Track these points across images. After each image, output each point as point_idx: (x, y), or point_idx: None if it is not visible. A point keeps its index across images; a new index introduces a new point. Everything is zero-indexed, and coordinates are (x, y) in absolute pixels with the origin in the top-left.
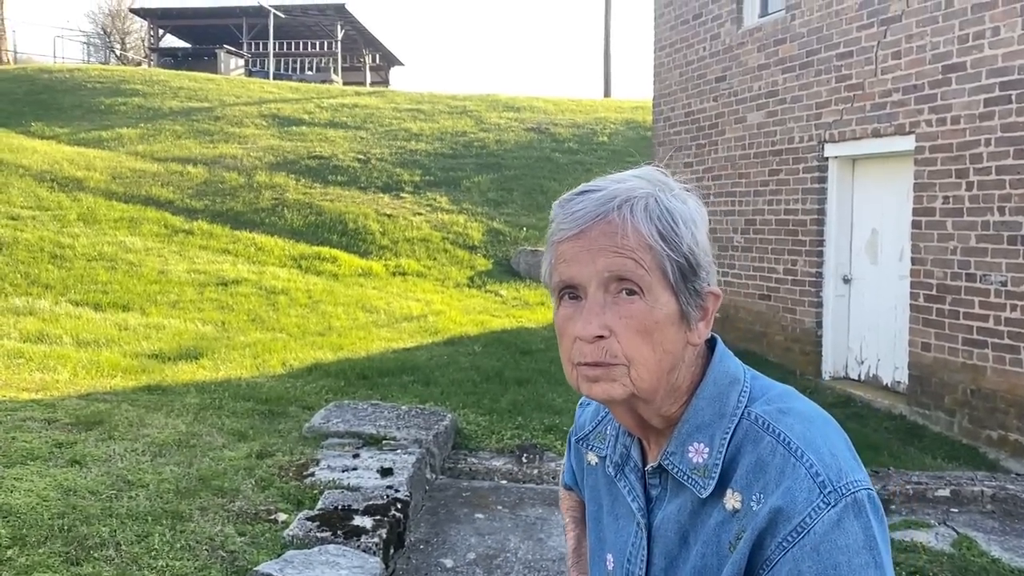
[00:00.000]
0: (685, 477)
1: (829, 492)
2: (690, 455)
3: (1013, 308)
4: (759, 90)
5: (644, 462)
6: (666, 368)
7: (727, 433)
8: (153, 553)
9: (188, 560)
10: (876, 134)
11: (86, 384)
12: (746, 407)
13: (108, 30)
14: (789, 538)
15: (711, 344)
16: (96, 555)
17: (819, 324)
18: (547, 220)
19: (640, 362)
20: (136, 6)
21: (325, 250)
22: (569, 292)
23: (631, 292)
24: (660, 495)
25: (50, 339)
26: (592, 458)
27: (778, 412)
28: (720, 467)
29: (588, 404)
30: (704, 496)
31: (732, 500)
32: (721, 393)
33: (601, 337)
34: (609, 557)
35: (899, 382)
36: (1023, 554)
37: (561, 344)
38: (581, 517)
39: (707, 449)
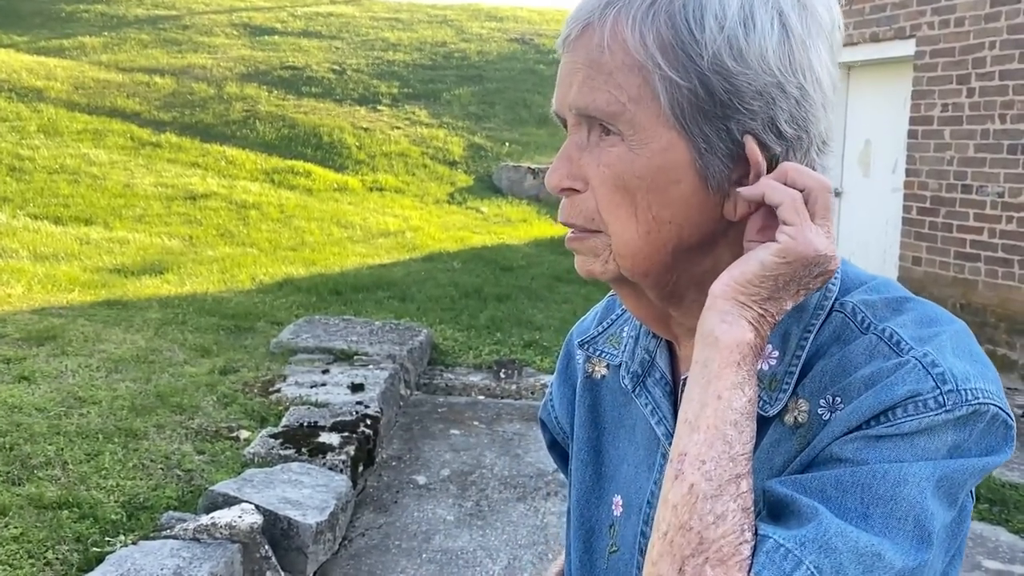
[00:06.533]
0: None
1: (949, 391)
2: None
3: (1009, 220)
4: None
5: (675, 372)
6: (664, 245)
7: (809, 331)
8: (103, 472)
9: (141, 479)
10: (875, 39)
11: (41, 299)
12: (837, 298)
13: None
14: (864, 426)
15: None
16: (40, 474)
17: None
18: (530, 135)
19: (618, 232)
20: None
21: (299, 164)
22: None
23: (609, 131)
24: None
25: (5, 253)
26: (599, 368)
27: (885, 305)
28: (796, 377)
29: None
30: (770, 415)
31: (794, 411)
32: None
33: (574, 191)
34: (617, 499)
35: None
36: (1013, 468)
37: None
38: None
39: (776, 352)
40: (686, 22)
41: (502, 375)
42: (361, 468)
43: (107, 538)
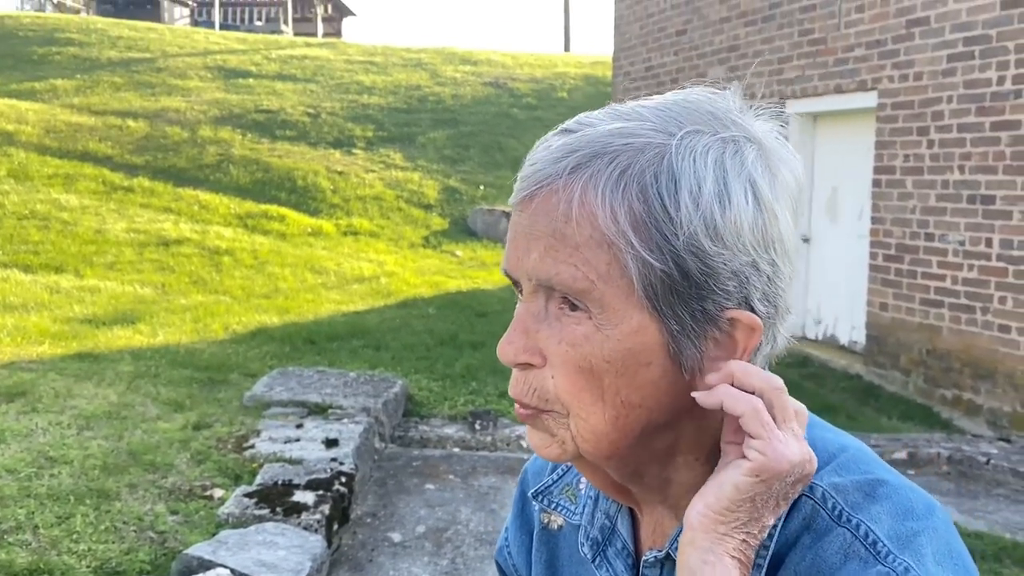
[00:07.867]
0: None
1: None
2: None
3: (970, 268)
4: (720, 44)
5: (636, 541)
6: (633, 428)
7: (778, 519)
8: (75, 536)
9: (113, 543)
10: (839, 90)
11: (10, 352)
12: None
13: None
14: None
15: None
16: (10, 540)
17: None
18: (505, 178)
19: (581, 416)
20: None
21: (272, 208)
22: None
23: (575, 307)
24: None
25: None
26: (555, 519)
27: (857, 490)
28: (764, 571)
29: None
30: None
31: None
32: None
33: (529, 365)
34: None
35: (856, 342)
36: (979, 516)
37: None
38: None
39: None
40: (659, 197)
41: (477, 427)
42: (336, 526)
43: None
